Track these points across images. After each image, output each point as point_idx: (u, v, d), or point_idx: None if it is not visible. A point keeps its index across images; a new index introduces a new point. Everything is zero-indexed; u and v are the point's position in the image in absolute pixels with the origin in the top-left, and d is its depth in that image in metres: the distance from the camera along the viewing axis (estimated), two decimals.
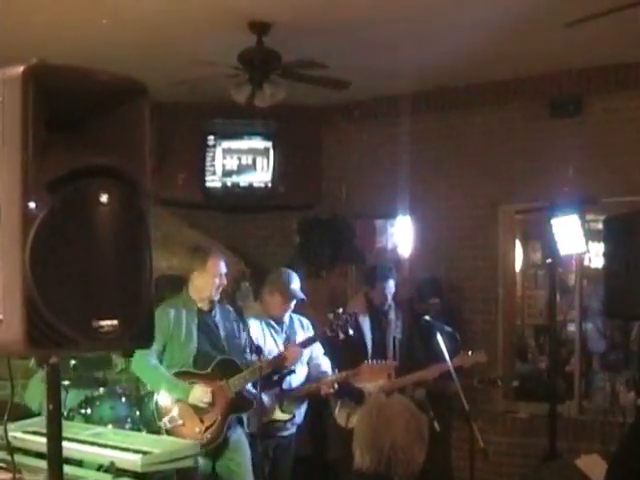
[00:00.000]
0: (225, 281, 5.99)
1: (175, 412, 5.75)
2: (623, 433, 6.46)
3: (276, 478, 6.27)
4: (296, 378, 6.34)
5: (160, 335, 5.76)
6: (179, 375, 5.80)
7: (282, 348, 6.25)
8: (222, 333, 5.98)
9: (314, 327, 6.60)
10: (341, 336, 6.21)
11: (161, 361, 5.85)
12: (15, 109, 2.03)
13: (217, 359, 5.86)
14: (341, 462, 6.07)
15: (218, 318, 6.02)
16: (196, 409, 5.76)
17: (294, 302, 6.41)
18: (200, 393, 5.73)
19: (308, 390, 6.40)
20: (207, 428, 5.74)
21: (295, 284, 6.37)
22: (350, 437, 3.42)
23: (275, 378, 6.13)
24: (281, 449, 6.40)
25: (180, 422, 5.73)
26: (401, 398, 3.66)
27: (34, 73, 2.04)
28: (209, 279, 5.89)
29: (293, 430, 6.47)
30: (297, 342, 6.31)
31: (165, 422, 5.73)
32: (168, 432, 5.68)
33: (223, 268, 5.96)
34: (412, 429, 3.30)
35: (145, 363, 5.76)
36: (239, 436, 5.93)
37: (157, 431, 5.74)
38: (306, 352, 6.35)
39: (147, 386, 6.02)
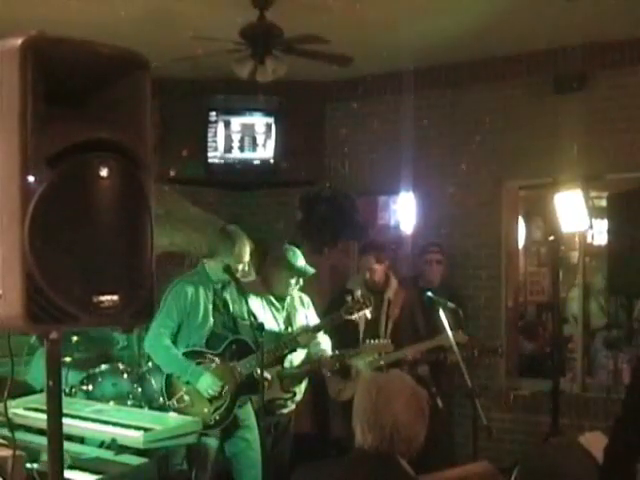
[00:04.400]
0: (246, 268, 5.86)
1: (184, 393, 5.70)
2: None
3: (276, 456, 6.23)
4: (297, 356, 6.30)
5: (177, 313, 5.70)
6: (190, 354, 5.71)
7: (282, 326, 6.22)
8: (231, 312, 5.92)
9: (314, 305, 6.57)
10: (356, 318, 6.20)
11: (175, 340, 5.75)
12: (14, 82, 2.00)
13: (229, 339, 5.80)
14: (344, 440, 6.06)
15: (227, 297, 5.94)
16: None
17: (302, 280, 6.34)
18: (209, 382, 5.63)
19: (309, 369, 6.35)
20: (216, 409, 5.68)
21: (301, 261, 6.29)
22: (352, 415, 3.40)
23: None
24: (281, 427, 6.38)
25: (188, 403, 5.68)
26: (400, 374, 3.62)
27: (33, 45, 2.02)
28: (233, 265, 5.73)
29: (292, 407, 6.45)
30: (312, 325, 6.26)
31: (173, 402, 5.68)
32: (176, 412, 5.60)
33: (247, 256, 5.82)
34: (413, 406, 3.28)
35: (158, 342, 5.68)
36: (248, 415, 5.89)
37: (159, 408, 5.73)
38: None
39: (160, 367, 5.92)
